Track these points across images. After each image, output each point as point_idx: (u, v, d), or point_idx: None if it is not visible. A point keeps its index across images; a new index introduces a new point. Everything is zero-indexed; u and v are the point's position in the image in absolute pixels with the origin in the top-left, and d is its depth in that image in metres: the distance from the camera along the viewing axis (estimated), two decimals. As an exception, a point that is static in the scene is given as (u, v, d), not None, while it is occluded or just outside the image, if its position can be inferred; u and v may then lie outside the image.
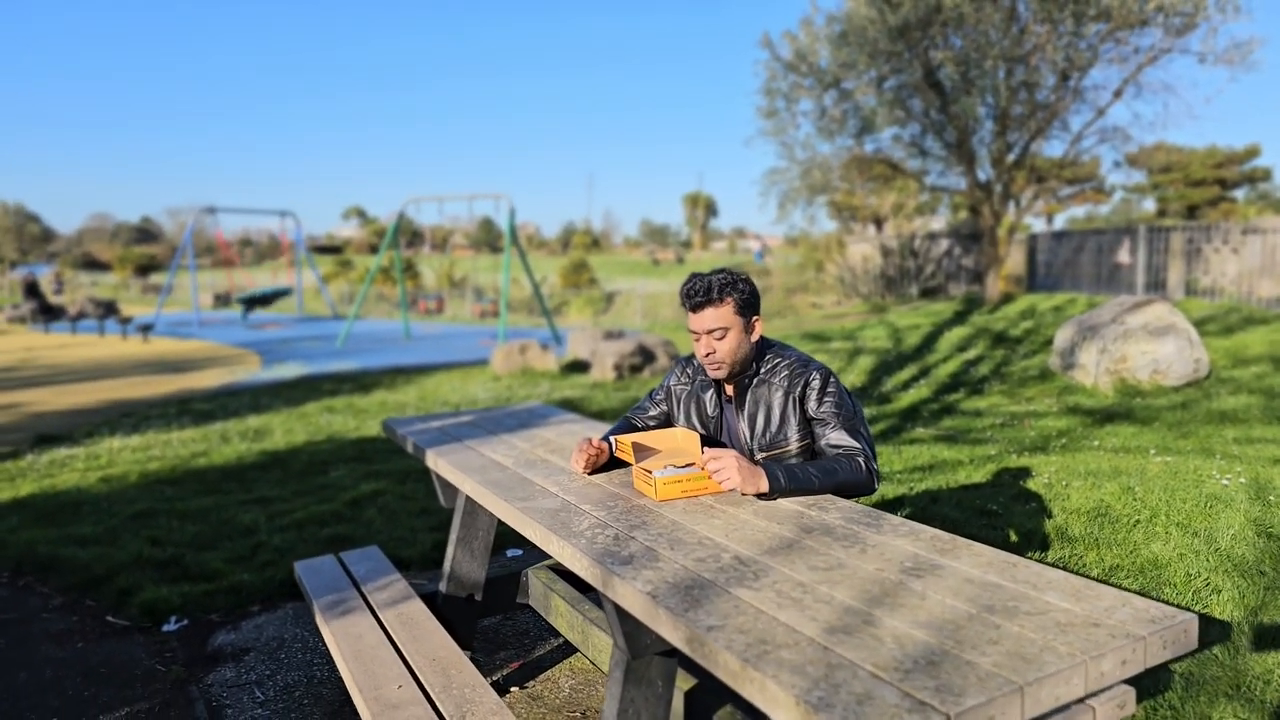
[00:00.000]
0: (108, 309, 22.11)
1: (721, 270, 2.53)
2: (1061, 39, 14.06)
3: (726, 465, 2.23)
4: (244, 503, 5.45)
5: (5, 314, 23.67)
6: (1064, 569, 3.94)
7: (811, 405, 2.47)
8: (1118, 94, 14.99)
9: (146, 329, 18.52)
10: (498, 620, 3.67)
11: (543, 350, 12.33)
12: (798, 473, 2.29)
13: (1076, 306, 14.08)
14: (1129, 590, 3.59)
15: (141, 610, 3.81)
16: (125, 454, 7.02)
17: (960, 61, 14.36)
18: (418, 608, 2.68)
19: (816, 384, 2.48)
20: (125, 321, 19.45)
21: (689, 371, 2.76)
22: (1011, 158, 16.02)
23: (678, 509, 2.21)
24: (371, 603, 2.75)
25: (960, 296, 18.45)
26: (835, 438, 2.44)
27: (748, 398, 2.55)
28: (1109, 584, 3.72)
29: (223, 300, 32.85)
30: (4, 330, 21.74)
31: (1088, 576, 3.79)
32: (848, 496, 2.38)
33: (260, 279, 42.61)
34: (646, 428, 2.84)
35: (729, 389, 2.62)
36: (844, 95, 16.08)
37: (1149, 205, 52.00)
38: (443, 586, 3.01)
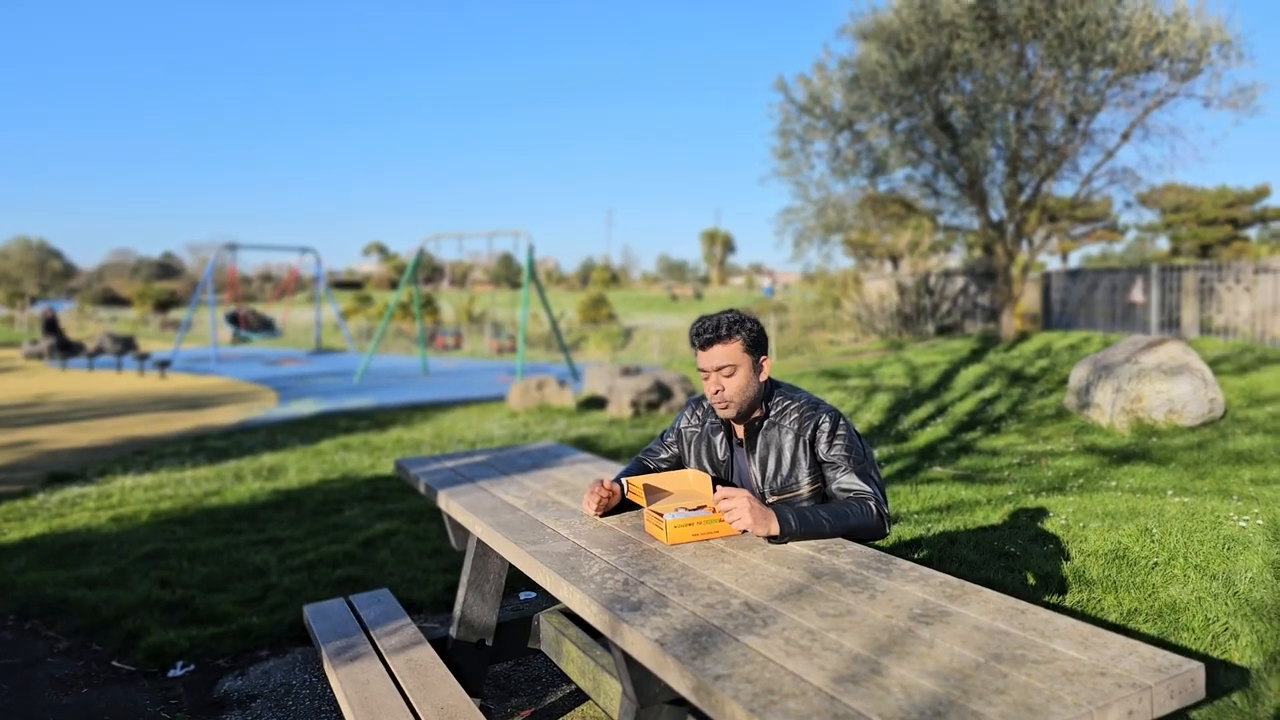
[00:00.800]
0: (126, 345, 22.34)
1: (729, 310, 2.58)
2: (1069, 84, 14.20)
3: (738, 505, 2.25)
4: (255, 543, 5.46)
5: (23, 349, 23.94)
6: (1081, 614, 3.92)
7: (822, 448, 2.48)
8: (1125, 137, 15.09)
9: (164, 365, 18.70)
10: (509, 666, 3.66)
11: (559, 387, 12.36)
12: (808, 516, 2.29)
13: (1092, 345, 14.01)
14: (1144, 636, 3.55)
15: (148, 655, 3.80)
16: (137, 493, 7.06)
17: (970, 105, 14.51)
18: (427, 654, 2.68)
19: (826, 426, 2.49)
20: (143, 358, 19.63)
21: (699, 414, 2.77)
22: (1023, 198, 16.10)
23: (688, 553, 2.22)
24: (380, 648, 2.75)
25: (976, 334, 18.43)
26: (846, 481, 2.44)
27: (758, 441, 2.56)
28: (1127, 629, 3.68)
29: (242, 339, 33.09)
30: (22, 366, 21.98)
31: (1106, 621, 3.76)
32: (859, 540, 2.38)
33: (273, 313, 42.93)
34: (658, 469, 2.85)
35: (739, 431, 2.63)
36: (857, 137, 16.25)
37: (1163, 244, 51.91)
38: (453, 631, 3.00)
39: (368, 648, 2.76)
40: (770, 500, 2.50)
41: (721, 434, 2.66)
